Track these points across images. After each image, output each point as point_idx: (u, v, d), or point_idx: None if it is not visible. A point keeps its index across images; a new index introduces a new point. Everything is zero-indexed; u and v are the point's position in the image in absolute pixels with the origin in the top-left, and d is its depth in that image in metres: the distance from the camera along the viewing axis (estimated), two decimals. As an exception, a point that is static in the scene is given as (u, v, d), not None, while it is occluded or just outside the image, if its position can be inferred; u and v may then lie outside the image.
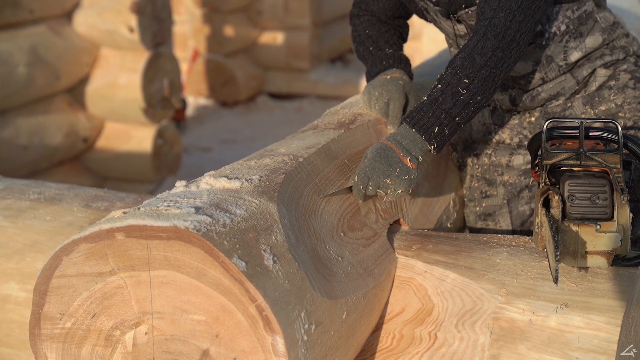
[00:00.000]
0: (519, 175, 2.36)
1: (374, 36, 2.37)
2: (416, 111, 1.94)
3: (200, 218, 1.45)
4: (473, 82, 1.94)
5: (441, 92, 1.94)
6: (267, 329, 1.40)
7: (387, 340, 1.86)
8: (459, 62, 1.96)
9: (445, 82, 1.95)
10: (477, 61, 1.95)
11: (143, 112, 4.78)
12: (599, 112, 2.25)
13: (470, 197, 2.46)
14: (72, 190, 2.34)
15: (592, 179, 1.79)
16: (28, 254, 2.08)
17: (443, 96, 1.93)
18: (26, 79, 4.39)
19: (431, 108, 1.93)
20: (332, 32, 8.20)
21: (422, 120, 1.92)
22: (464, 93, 1.93)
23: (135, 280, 1.45)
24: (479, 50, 1.96)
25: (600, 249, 1.75)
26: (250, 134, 6.80)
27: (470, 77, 1.94)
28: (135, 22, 4.63)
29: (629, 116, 2.23)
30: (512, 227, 2.39)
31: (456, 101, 1.93)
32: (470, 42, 1.98)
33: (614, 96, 2.25)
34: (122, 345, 1.49)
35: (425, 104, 1.95)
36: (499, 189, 2.39)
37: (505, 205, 2.39)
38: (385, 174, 1.86)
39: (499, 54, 1.96)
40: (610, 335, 1.67)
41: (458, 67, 1.96)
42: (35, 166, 4.54)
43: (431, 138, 1.91)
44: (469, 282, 1.81)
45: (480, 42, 1.97)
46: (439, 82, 1.97)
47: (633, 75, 2.25)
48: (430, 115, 1.92)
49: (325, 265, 1.65)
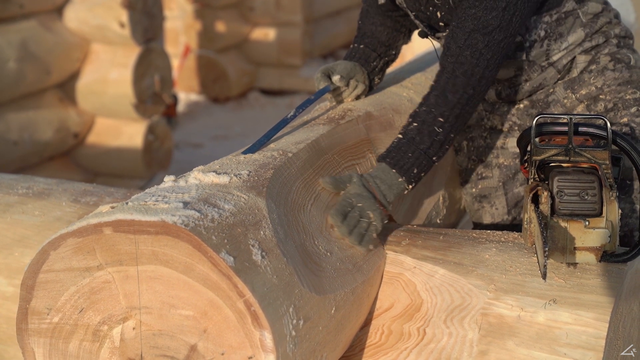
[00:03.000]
0: (514, 158, 2.39)
1: (360, 29, 2.41)
2: (395, 151, 1.96)
3: (189, 213, 1.45)
4: (448, 120, 1.98)
5: (417, 130, 1.97)
6: (255, 324, 1.40)
7: (375, 336, 1.86)
8: (432, 100, 1.99)
9: (421, 120, 1.98)
10: (449, 99, 1.98)
11: (134, 107, 4.76)
12: (579, 96, 2.27)
13: (466, 178, 2.48)
14: (60, 185, 2.34)
15: (581, 175, 1.79)
16: (16, 249, 2.07)
17: (420, 135, 1.96)
18: (16, 74, 4.37)
19: (409, 148, 1.96)
20: (323, 29, 8.20)
21: (402, 161, 1.94)
22: (440, 132, 1.97)
23: (123, 275, 1.45)
24: (450, 88, 1.99)
25: (589, 245, 1.75)
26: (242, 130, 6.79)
27: (444, 116, 1.97)
28: (126, 17, 4.62)
29: (609, 98, 2.25)
30: (507, 209, 2.41)
31: (433, 141, 1.97)
32: (441, 80, 2.01)
33: (594, 79, 2.26)
34: (110, 340, 1.48)
35: (402, 143, 1.97)
36: (494, 170, 2.41)
37: (501, 188, 2.41)
38: (369, 208, 1.85)
39: (469, 91, 1.99)
40: (599, 331, 1.67)
41: (432, 105, 1.98)
42: (25, 162, 4.53)
43: (411, 179, 1.95)
44: (458, 278, 1.81)
45: (450, 80, 1.99)
46: (413, 119, 1.99)
47: (613, 57, 2.27)
48: (410, 156, 1.95)
49: (313, 260, 1.65)
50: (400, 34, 2.42)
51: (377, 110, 2.25)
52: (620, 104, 2.23)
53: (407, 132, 1.98)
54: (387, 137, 2.19)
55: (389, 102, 2.34)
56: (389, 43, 2.39)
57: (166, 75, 5.00)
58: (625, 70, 2.26)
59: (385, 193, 1.92)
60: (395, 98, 2.38)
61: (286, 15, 7.58)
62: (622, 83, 2.25)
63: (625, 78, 2.25)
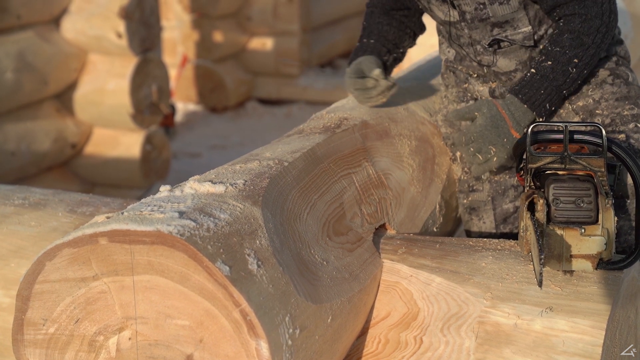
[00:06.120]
0: (505, 174, 2.38)
1: (365, 29, 2.44)
2: (527, 87, 2.12)
3: (184, 222, 1.45)
4: (582, 60, 2.12)
5: (551, 69, 2.11)
6: (251, 333, 1.40)
7: (372, 345, 1.86)
8: (567, 43, 2.12)
9: (555, 59, 2.11)
10: (584, 42, 2.11)
11: (131, 117, 4.77)
12: (576, 108, 2.27)
13: (460, 188, 2.49)
14: (56, 196, 2.33)
15: (576, 182, 1.79)
16: (12, 260, 2.07)
17: (554, 73, 2.11)
18: (14, 85, 4.37)
19: (542, 85, 2.11)
20: (321, 38, 8.20)
21: (535, 97, 2.11)
22: (573, 71, 2.12)
23: (118, 285, 1.44)
24: (585, 31, 2.11)
25: (585, 253, 1.75)
26: (240, 139, 6.79)
27: (579, 56, 2.12)
28: (123, 27, 4.62)
29: (607, 113, 2.25)
30: (495, 224, 2.41)
31: (567, 79, 2.11)
32: (574, 23, 2.12)
33: (592, 91, 2.27)
34: (106, 351, 1.48)
35: (536, 79, 2.11)
36: (485, 184, 2.42)
37: (490, 202, 2.41)
38: (491, 142, 2.05)
39: (603, 30, 2.13)
40: (595, 339, 1.67)
41: (567, 47, 2.11)
42: (23, 172, 4.52)
43: (541, 113, 2.11)
44: (455, 286, 1.81)
45: (585, 24, 2.12)
46: (547, 57, 2.12)
47: (612, 72, 2.28)
48: (542, 93, 2.11)
49: (310, 269, 1.65)
50: (406, 34, 2.46)
51: (373, 119, 2.25)
52: (617, 119, 2.23)
53: (540, 68, 2.12)
54: (383, 146, 2.19)
55: (385, 110, 2.34)
56: (396, 42, 2.43)
57: (164, 85, 5.01)
58: (623, 86, 2.26)
59: (520, 120, 2.09)
60: (391, 107, 2.38)
61: (284, 24, 7.58)
62: (619, 98, 2.25)
63: (624, 93, 2.25)
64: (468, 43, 2.32)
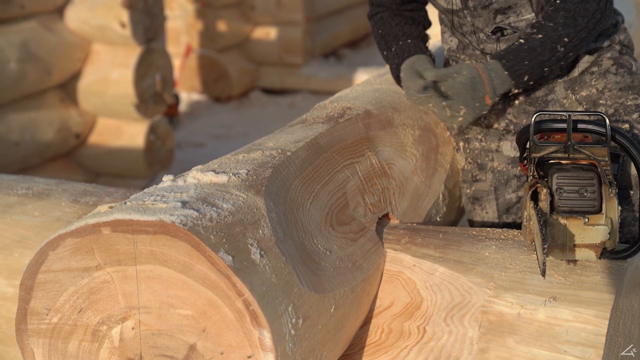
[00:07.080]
0: (508, 164, 2.38)
1: (387, 35, 2.40)
2: (513, 54, 2.09)
3: (187, 212, 1.44)
4: (572, 41, 2.10)
5: (540, 42, 2.09)
6: (254, 323, 1.40)
7: (375, 334, 1.86)
8: (561, 20, 2.10)
9: (546, 34, 2.09)
10: (578, 22, 2.09)
11: (135, 107, 4.76)
12: (580, 98, 2.27)
13: (464, 178, 2.49)
14: (60, 186, 2.34)
15: (580, 172, 1.79)
16: (16, 250, 2.08)
17: (542, 47, 2.09)
18: (17, 75, 4.37)
19: (528, 56, 2.08)
20: (325, 28, 8.19)
21: (517, 66, 2.08)
22: (561, 50, 2.09)
23: (121, 275, 1.45)
24: (580, 12, 2.09)
25: (589, 242, 1.74)
26: (244, 129, 6.79)
27: (570, 36, 2.09)
28: (127, 17, 4.61)
29: (610, 103, 2.24)
30: (497, 214, 2.41)
31: (552, 56, 2.09)
32: (571, 4, 2.11)
33: (595, 81, 2.26)
34: (109, 341, 1.48)
35: (523, 49, 2.09)
36: (487, 174, 2.41)
37: (492, 192, 2.41)
38: (464, 102, 2.05)
39: (597, 16, 2.11)
40: (599, 328, 1.66)
41: (560, 25, 2.09)
42: (27, 162, 4.53)
43: (519, 84, 2.10)
44: (458, 276, 1.81)
45: (581, 5, 2.10)
46: (538, 31, 2.10)
47: (616, 61, 2.27)
48: (526, 64, 2.08)
49: (313, 259, 1.65)
50: (420, 28, 2.45)
51: (376, 108, 2.24)
52: (621, 109, 2.22)
53: (529, 39, 2.10)
54: (386, 136, 2.19)
55: (388, 100, 2.34)
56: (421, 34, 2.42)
57: (167, 75, 5.00)
58: (627, 76, 2.25)
59: (497, 87, 2.08)
60: (395, 96, 2.38)
61: (287, 14, 7.57)
62: (623, 88, 2.24)
63: (627, 83, 2.24)
64: (471, 31, 2.31)
